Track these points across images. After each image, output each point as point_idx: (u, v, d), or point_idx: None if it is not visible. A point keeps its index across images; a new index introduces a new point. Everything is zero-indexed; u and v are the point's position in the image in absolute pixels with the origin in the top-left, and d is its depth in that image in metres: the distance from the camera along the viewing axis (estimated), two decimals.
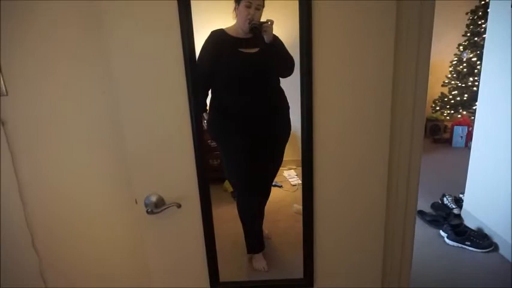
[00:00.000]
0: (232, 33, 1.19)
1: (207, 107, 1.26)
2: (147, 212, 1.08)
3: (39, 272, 1.35)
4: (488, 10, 2.62)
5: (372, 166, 1.13)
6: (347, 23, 0.99)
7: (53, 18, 1.12)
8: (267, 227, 1.45)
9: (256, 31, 1.13)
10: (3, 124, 1.19)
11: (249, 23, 1.13)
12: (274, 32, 1.12)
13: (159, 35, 1.00)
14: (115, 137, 1.22)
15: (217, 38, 1.18)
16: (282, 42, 1.15)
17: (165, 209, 1.10)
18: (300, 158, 1.11)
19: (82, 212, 1.33)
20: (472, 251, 2.52)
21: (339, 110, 1.07)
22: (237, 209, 1.41)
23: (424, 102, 1.13)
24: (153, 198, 1.11)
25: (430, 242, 2.66)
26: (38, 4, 1.10)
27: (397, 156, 1.15)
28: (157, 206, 1.10)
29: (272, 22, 1.12)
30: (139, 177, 1.13)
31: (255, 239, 1.44)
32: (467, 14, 4.55)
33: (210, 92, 1.24)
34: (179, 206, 1.10)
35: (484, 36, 4.31)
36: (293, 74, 1.12)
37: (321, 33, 0.99)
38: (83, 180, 1.29)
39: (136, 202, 1.13)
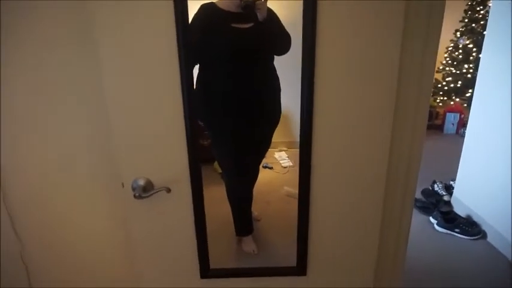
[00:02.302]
0: (223, 6, 1.11)
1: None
2: (135, 196, 1.02)
3: (20, 256, 1.29)
4: None
5: (372, 152, 1.08)
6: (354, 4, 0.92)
7: None
8: (256, 208, 1.43)
9: (249, 9, 1.05)
10: None
11: (241, 1, 1.05)
12: (271, 7, 1.05)
13: (149, 4, 0.91)
14: (99, 115, 1.14)
15: (208, 12, 1.10)
16: (277, 18, 1.07)
17: (154, 193, 1.03)
18: (291, 140, 1.07)
19: (64, 198, 1.26)
20: (460, 238, 2.54)
21: (341, 92, 1.01)
22: (226, 190, 1.37)
23: (430, 90, 1.09)
24: (141, 182, 1.05)
25: (420, 228, 2.67)
26: None
27: (399, 142, 1.11)
28: (145, 190, 1.04)
29: None
30: (126, 159, 1.06)
31: (243, 222, 1.42)
32: None
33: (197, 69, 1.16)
34: (169, 190, 1.04)
35: (481, 22, 4.27)
36: (288, 53, 1.06)
37: (326, 12, 0.92)
38: (64, 163, 1.22)
39: (123, 186, 1.07)
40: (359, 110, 1.03)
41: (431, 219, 2.74)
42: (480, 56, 2.65)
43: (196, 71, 1.15)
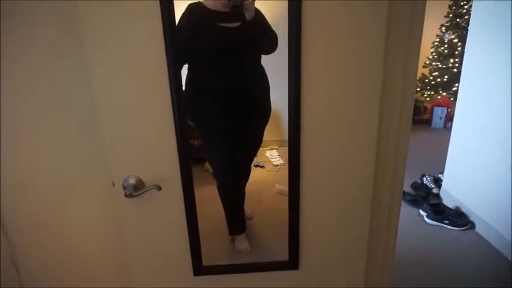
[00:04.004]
0: (210, 6, 1.11)
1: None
2: (126, 195, 1.02)
3: (11, 260, 1.28)
4: None
5: (359, 148, 1.10)
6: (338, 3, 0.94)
7: None
8: (249, 207, 1.43)
9: (238, 9, 1.06)
10: None
11: (230, 1, 1.06)
12: (257, 6, 1.06)
13: (136, 4, 0.92)
14: (89, 114, 1.14)
15: (195, 11, 1.10)
16: (264, 17, 1.08)
17: (145, 191, 1.04)
18: (282, 138, 1.08)
19: (55, 197, 1.25)
20: (450, 229, 2.59)
21: (327, 90, 1.03)
22: (218, 190, 1.37)
23: (414, 84, 1.10)
24: (132, 181, 1.05)
25: (410, 221, 2.71)
26: None
27: (385, 138, 1.13)
28: (136, 189, 1.04)
29: None
30: (116, 158, 1.06)
31: (236, 221, 1.42)
32: None
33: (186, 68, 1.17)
34: (159, 188, 1.04)
35: (466, 17, 4.34)
36: (276, 52, 1.07)
37: (310, 11, 0.93)
38: (54, 163, 1.21)
39: (113, 185, 1.07)
40: (345, 107, 1.05)
41: (421, 211, 2.78)
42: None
43: (185, 71, 1.15)
